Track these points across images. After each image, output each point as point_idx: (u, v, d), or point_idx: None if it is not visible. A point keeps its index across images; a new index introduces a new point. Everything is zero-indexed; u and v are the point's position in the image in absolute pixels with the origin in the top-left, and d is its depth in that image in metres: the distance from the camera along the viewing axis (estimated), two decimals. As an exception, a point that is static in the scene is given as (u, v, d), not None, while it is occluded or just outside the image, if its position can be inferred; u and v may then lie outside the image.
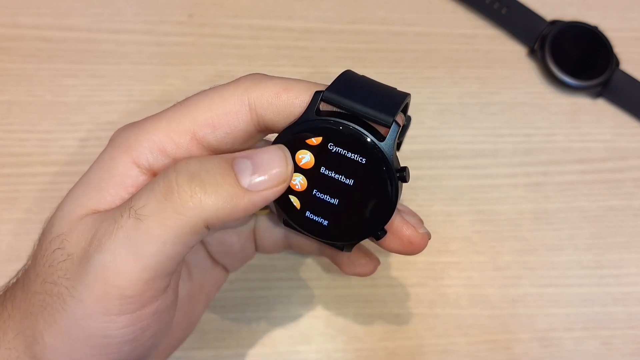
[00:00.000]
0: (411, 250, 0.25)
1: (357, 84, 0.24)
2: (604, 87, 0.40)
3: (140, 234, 0.20)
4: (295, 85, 0.23)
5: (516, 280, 0.35)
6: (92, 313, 0.20)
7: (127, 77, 0.39)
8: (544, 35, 0.41)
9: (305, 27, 0.42)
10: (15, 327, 0.22)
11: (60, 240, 0.22)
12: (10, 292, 0.23)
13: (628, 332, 0.34)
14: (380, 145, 0.22)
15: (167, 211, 0.20)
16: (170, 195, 0.20)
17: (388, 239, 0.25)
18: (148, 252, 0.20)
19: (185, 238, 0.21)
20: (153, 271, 0.21)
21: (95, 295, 0.20)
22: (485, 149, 0.39)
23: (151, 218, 0.20)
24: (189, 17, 0.41)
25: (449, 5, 0.43)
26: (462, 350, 0.33)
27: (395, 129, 0.22)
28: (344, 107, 0.23)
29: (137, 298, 0.21)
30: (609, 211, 0.37)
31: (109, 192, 0.22)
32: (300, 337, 0.33)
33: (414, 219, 0.26)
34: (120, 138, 0.23)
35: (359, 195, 0.23)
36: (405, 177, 0.23)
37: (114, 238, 0.20)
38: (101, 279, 0.20)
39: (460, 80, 0.41)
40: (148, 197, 0.21)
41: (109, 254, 0.20)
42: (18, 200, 0.35)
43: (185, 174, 0.21)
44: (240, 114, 0.23)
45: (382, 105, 0.23)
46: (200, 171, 0.21)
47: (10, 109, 0.38)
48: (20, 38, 0.40)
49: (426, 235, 0.25)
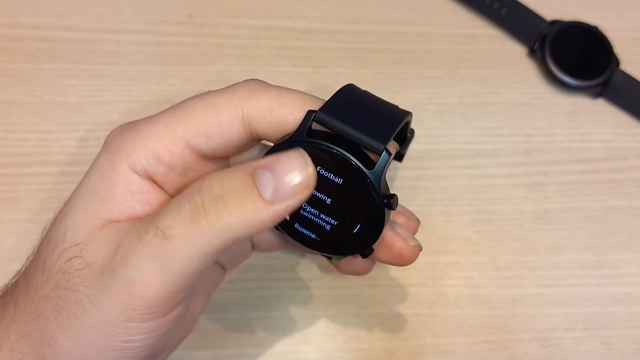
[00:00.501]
0: (401, 262, 0.25)
1: (354, 104, 0.23)
2: (604, 87, 0.40)
3: (167, 252, 0.21)
4: (290, 99, 0.23)
5: (516, 280, 0.35)
6: (115, 320, 0.21)
7: (127, 77, 0.39)
8: (544, 35, 0.41)
9: (305, 27, 0.42)
10: (20, 330, 0.22)
11: (79, 249, 0.22)
12: (11, 295, 0.23)
13: (628, 332, 0.34)
14: (368, 173, 0.22)
15: (195, 233, 0.21)
16: (197, 219, 0.21)
17: (379, 251, 0.25)
18: (175, 268, 0.21)
19: (211, 255, 0.21)
20: (178, 285, 0.21)
21: (119, 305, 0.21)
22: (485, 149, 0.39)
23: (179, 238, 0.21)
24: (189, 17, 0.41)
25: (449, 5, 0.43)
26: (462, 351, 0.33)
27: (386, 157, 0.22)
28: (335, 130, 0.22)
29: (161, 307, 0.21)
30: (609, 211, 0.37)
31: (118, 200, 0.23)
32: (300, 337, 0.33)
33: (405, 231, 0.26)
34: (117, 142, 0.23)
35: (347, 217, 0.23)
36: (392, 205, 0.23)
37: (140, 254, 0.21)
38: (127, 291, 0.21)
39: (460, 80, 0.41)
40: (174, 218, 0.21)
41: (135, 269, 0.21)
42: (18, 200, 0.35)
43: (209, 197, 0.21)
44: (233, 126, 0.23)
45: (375, 130, 0.22)
46: (224, 191, 0.21)
47: (10, 109, 0.38)
48: (20, 38, 0.40)
49: (417, 248, 0.25)
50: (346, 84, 0.24)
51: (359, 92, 0.24)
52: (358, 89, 0.24)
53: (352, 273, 0.28)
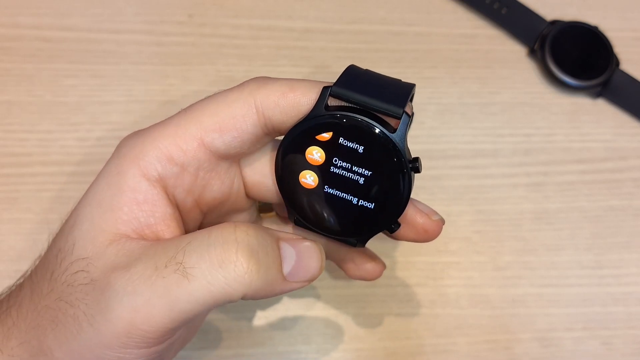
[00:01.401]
0: (426, 237, 0.25)
1: (363, 78, 0.24)
2: (604, 87, 0.40)
3: (181, 292, 0.20)
4: (300, 84, 0.23)
5: (516, 280, 0.35)
6: (109, 344, 0.21)
7: (127, 77, 0.39)
8: (544, 35, 0.41)
9: (305, 27, 0.42)
10: (20, 336, 0.22)
11: (86, 263, 0.22)
12: (15, 298, 0.23)
13: (628, 332, 0.34)
14: (391, 136, 0.22)
15: (218, 279, 0.20)
16: (226, 266, 0.20)
17: (402, 229, 0.25)
18: (184, 309, 0.20)
19: (220, 304, 0.21)
20: (180, 323, 0.21)
21: (116, 332, 0.21)
22: (485, 149, 0.39)
23: (199, 281, 0.20)
24: (189, 17, 0.41)
25: (449, 5, 0.43)
26: (462, 350, 0.33)
27: (406, 119, 0.22)
28: (352, 101, 0.23)
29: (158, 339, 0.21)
30: (609, 211, 0.37)
31: (123, 210, 0.22)
32: (300, 337, 0.33)
33: (426, 206, 0.26)
34: (126, 148, 0.23)
35: (371, 189, 0.23)
36: (418, 167, 0.23)
37: (151, 285, 0.20)
38: (127, 319, 0.20)
39: (460, 80, 0.41)
40: (201, 258, 0.21)
41: (142, 299, 0.20)
42: (18, 200, 0.35)
43: (246, 249, 0.21)
44: (248, 117, 0.23)
45: (390, 97, 0.23)
46: (259, 249, 0.21)
47: (10, 109, 0.38)
48: (20, 38, 0.40)
49: (440, 222, 0.25)
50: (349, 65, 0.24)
51: (363, 70, 0.25)
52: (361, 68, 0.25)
53: (362, 278, 0.28)
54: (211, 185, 0.24)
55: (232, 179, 0.25)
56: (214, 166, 0.24)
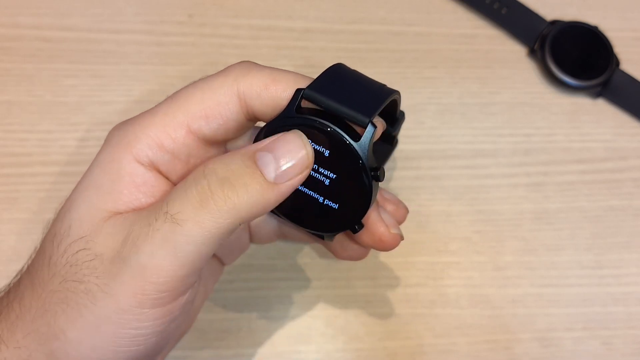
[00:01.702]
0: (381, 247, 0.26)
1: (341, 81, 0.24)
2: (604, 87, 0.40)
3: (178, 237, 0.21)
4: (283, 77, 0.24)
5: (516, 280, 0.35)
6: (126, 307, 0.21)
7: (127, 77, 0.39)
8: (544, 35, 0.41)
9: (305, 27, 0.42)
10: (25, 327, 0.22)
11: (85, 241, 0.22)
12: (15, 292, 0.23)
13: (628, 332, 0.34)
14: (354, 145, 0.23)
15: (205, 216, 0.21)
16: (205, 202, 0.21)
17: (362, 233, 0.26)
18: (186, 251, 0.21)
19: (220, 237, 0.22)
20: (189, 268, 0.22)
21: (131, 291, 0.21)
22: (485, 149, 0.39)
23: (189, 222, 0.21)
24: (189, 17, 0.41)
25: (449, 5, 0.43)
26: (462, 351, 0.33)
27: (371, 130, 0.23)
28: (322, 105, 0.23)
29: (171, 292, 0.22)
30: (610, 211, 0.37)
31: (123, 192, 0.23)
32: (300, 337, 0.33)
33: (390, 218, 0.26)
34: (118, 136, 0.24)
35: (335, 191, 0.24)
36: (379, 176, 0.23)
37: (151, 240, 0.21)
38: (139, 276, 0.21)
39: (460, 80, 0.41)
40: (183, 203, 0.21)
41: (147, 254, 0.21)
42: (18, 200, 0.35)
43: (215, 180, 0.22)
44: (231, 105, 0.24)
45: (361, 104, 0.23)
46: (229, 174, 0.22)
47: (10, 109, 0.38)
48: (20, 38, 0.40)
49: (397, 237, 0.26)
50: (335, 63, 0.25)
51: (348, 70, 0.25)
52: (347, 68, 0.25)
53: (349, 258, 0.29)
54: None
55: None
56: (203, 152, 0.25)
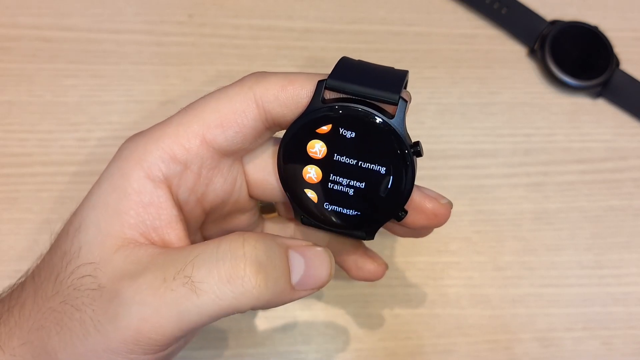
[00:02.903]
0: (437, 222, 0.25)
1: (357, 68, 0.24)
2: (604, 87, 0.40)
3: (190, 305, 0.20)
4: (298, 77, 0.23)
5: (516, 280, 0.35)
6: (117, 350, 0.21)
7: (127, 77, 0.39)
8: (544, 35, 0.41)
9: (305, 27, 0.42)
10: (22, 336, 0.22)
11: (93, 268, 0.22)
12: (17, 298, 0.23)
13: (628, 332, 0.34)
14: (390, 122, 0.22)
15: (226, 294, 0.21)
16: (234, 281, 0.21)
17: (411, 216, 0.25)
18: (192, 320, 0.21)
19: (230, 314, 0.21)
20: (189, 331, 0.21)
21: (124, 339, 0.21)
22: (485, 149, 0.39)
23: (208, 295, 0.21)
24: (189, 17, 0.41)
25: (449, 5, 0.43)
26: (462, 350, 0.33)
27: (403, 105, 0.23)
28: (348, 91, 0.23)
29: (165, 346, 0.21)
30: (609, 211, 0.37)
31: (130, 214, 0.22)
32: (300, 337, 0.33)
33: (432, 191, 0.25)
34: (129, 150, 0.23)
35: (375, 179, 0.23)
36: (419, 151, 0.23)
37: (160, 297, 0.21)
38: (135, 328, 0.21)
39: (460, 80, 0.41)
40: (209, 272, 0.21)
41: (151, 310, 0.21)
42: (18, 200, 0.35)
43: (254, 263, 0.21)
44: (248, 111, 0.23)
45: (386, 84, 0.23)
46: (267, 262, 0.21)
47: (10, 109, 0.38)
48: (20, 38, 0.40)
49: (449, 205, 0.25)
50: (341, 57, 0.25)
51: (356, 60, 0.25)
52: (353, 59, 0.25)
53: (364, 278, 0.28)
54: (214, 183, 0.24)
55: (234, 177, 0.25)
56: (217, 163, 0.24)
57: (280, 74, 0.24)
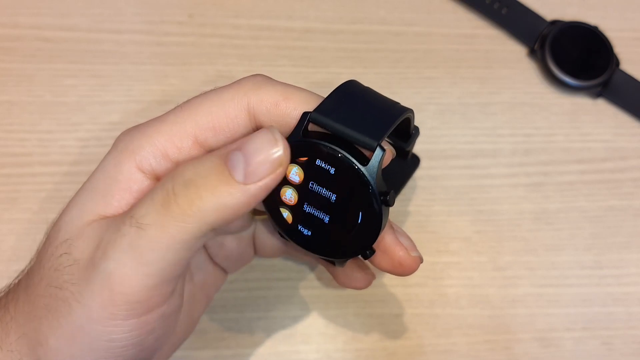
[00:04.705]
0: (400, 271, 0.25)
1: (351, 101, 0.23)
2: (604, 87, 0.40)
3: (142, 242, 0.20)
4: (294, 95, 0.23)
5: (516, 280, 0.35)
6: (98, 318, 0.21)
7: (127, 77, 0.39)
8: (544, 35, 0.41)
9: (305, 27, 0.42)
10: (18, 330, 0.22)
11: (68, 245, 0.22)
12: (13, 294, 0.23)
13: (628, 332, 0.34)
14: (362, 169, 0.22)
15: (168, 220, 0.20)
16: (168, 205, 0.20)
17: (379, 257, 0.25)
18: (151, 259, 0.20)
19: (188, 243, 0.21)
20: (157, 277, 0.21)
21: (101, 302, 0.21)
22: (485, 149, 0.39)
23: (152, 227, 0.20)
24: (189, 17, 0.41)
25: (449, 5, 0.43)
26: (462, 350, 0.33)
27: (379, 154, 0.22)
28: (329, 129, 0.22)
29: (143, 303, 0.21)
30: (609, 211, 0.37)
31: (115, 197, 0.23)
32: (300, 337, 0.33)
33: (407, 241, 0.25)
34: (124, 142, 0.23)
35: (347, 214, 0.23)
36: (388, 201, 0.23)
37: (118, 246, 0.21)
38: (107, 286, 0.20)
39: (460, 80, 0.41)
40: (148, 206, 0.21)
41: (114, 262, 0.20)
42: (18, 200, 0.35)
43: (180, 182, 0.21)
44: (239, 119, 0.23)
45: (370, 127, 0.22)
46: (195, 176, 0.21)
47: (10, 109, 0.38)
48: (20, 38, 0.40)
49: (418, 259, 0.25)
50: (348, 80, 0.24)
51: (359, 89, 0.24)
52: (359, 86, 0.24)
53: (352, 287, 0.28)
54: None
55: None
56: None
57: (279, 85, 0.24)
